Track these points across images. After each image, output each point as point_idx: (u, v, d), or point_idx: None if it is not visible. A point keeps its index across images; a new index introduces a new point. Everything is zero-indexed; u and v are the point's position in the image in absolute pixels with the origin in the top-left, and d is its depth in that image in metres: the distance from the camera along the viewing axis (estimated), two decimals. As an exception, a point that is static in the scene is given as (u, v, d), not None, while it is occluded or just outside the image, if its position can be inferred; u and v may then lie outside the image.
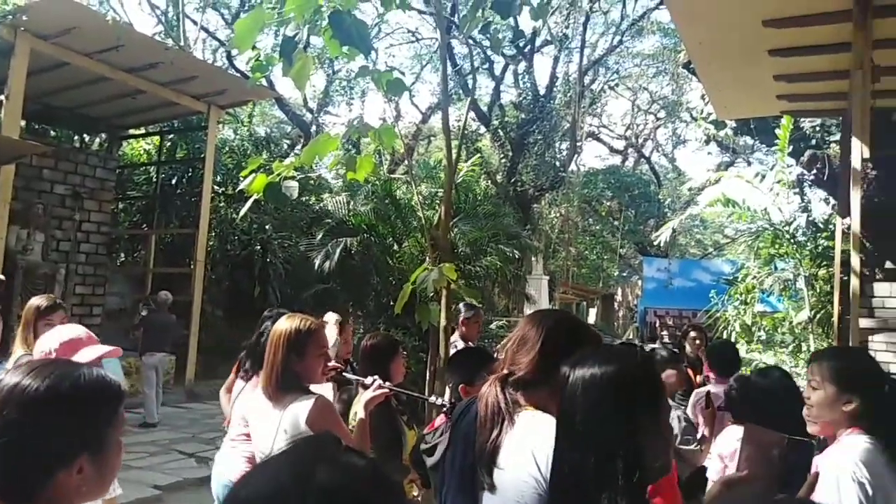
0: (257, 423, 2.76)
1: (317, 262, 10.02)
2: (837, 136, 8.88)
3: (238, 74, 15.82)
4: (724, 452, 2.91)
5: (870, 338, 6.97)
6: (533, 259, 21.27)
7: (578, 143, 24.76)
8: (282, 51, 4.63)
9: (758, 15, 5.48)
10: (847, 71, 5.71)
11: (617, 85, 27.33)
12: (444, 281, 4.47)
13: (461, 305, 5.60)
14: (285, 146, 18.94)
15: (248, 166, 4.90)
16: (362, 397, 2.92)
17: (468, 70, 21.54)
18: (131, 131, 13.59)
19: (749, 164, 23.49)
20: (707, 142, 12.74)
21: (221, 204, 13.17)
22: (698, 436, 3.45)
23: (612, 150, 31.22)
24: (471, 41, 17.96)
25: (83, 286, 11.10)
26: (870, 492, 1.75)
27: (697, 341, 4.76)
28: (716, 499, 1.43)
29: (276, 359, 2.62)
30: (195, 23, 20.02)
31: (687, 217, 14.35)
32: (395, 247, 10.40)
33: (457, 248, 9.54)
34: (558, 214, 26.12)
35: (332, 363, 3.30)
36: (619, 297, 30.31)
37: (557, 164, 22.79)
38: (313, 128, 22.01)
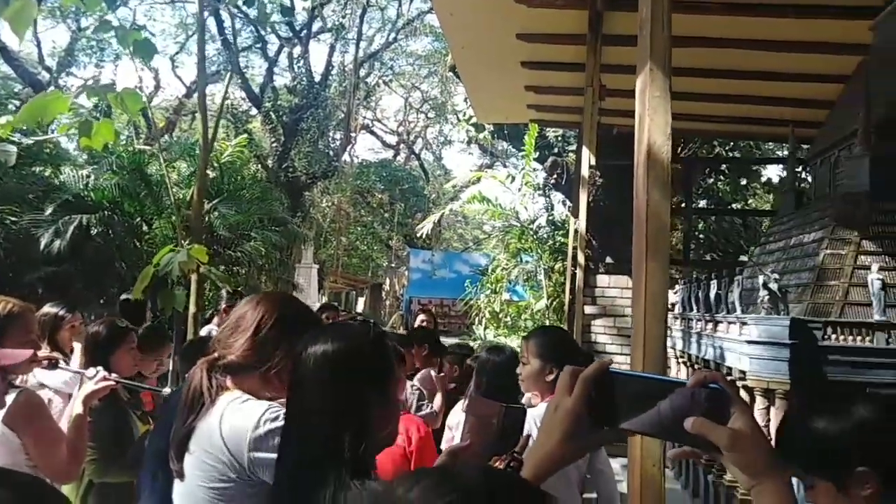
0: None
1: (43, 240, 8.67)
2: (575, 146, 10.09)
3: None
4: (451, 423, 3.22)
5: (592, 322, 8.09)
6: (303, 247, 20.94)
7: (352, 135, 24.94)
8: (-6, -14, 3.90)
9: (512, 28, 5.98)
10: (582, 88, 6.51)
11: (391, 81, 28.04)
12: (192, 264, 4.16)
13: (223, 292, 5.28)
14: (12, 108, 16.10)
15: (-52, 122, 4.07)
16: (81, 391, 2.59)
17: (241, 46, 20.45)
18: None
19: (506, 167, 25.74)
20: (469, 143, 13.65)
21: (-84, 168, 10.77)
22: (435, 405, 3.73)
23: (385, 145, 32.00)
24: (242, 16, 17.04)
25: None
26: None
27: (426, 323, 5.17)
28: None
29: (-38, 348, 2.19)
30: None
31: (449, 212, 15.27)
32: (145, 228, 9.43)
33: (216, 232, 8.97)
34: (331, 204, 26.04)
35: (46, 353, 2.88)
36: (387, 287, 31.18)
37: (331, 153, 22.68)
38: (51, 89, 19.08)
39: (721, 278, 4.14)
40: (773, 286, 3.31)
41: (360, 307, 30.56)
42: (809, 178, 6.51)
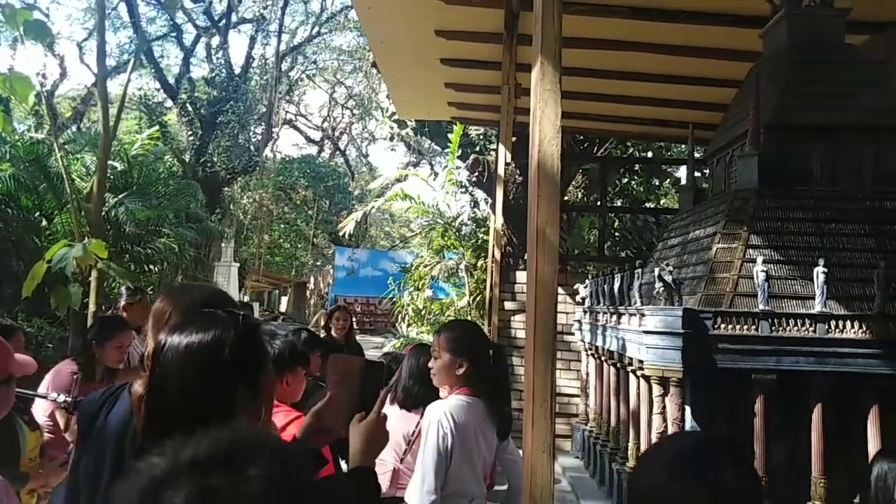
0: None
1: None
2: (496, 145, 10.23)
3: None
4: None
5: (512, 317, 8.23)
6: (222, 245, 20.26)
7: (274, 129, 24.35)
8: None
9: (431, 23, 5.99)
10: (500, 87, 6.61)
11: (315, 76, 27.55)
12: (90, 259, 3.96)
13: (122, 289, 5.01)
14: None
15: None
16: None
17: (155, 35, 19.59)
18: None
19: (432, 165, 25.79)
20: (392, 139, 13.59)
21: None
22: None
23: (309, 140, 31.45)
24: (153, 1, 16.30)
25: None
26: (448, 437, 2.20)
27: (341, 322, 5.02)
28: (308, 428, 1.53)
29: None
30: None
31: (374, 210, 15.17)
32: (45, 223, 8.86)
33: (122, 227, 8.53)
34: (252, 200, 25.32)
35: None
36: (311, 286, 30.66)
37: (252, 148, 22.06)
38: (-60, 73, 17.60)
39: (624, 272, 4.30)
40: (668, 278, 3.48)
41: (283, 306, 29.92)
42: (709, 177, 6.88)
